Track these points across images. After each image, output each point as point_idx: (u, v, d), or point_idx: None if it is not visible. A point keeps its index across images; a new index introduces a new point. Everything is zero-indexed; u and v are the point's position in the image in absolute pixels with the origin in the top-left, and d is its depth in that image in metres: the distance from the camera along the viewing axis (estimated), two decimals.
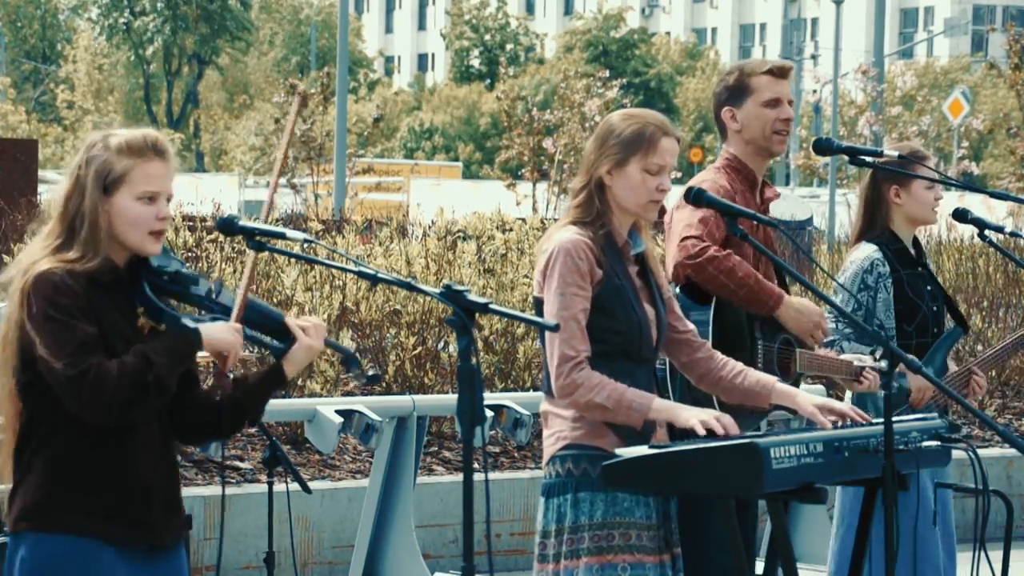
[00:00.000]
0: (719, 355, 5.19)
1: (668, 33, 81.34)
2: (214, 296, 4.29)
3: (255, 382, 4.33)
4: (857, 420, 5.06)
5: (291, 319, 4.33)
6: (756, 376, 5.16)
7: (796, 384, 5.68)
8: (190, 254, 10.39)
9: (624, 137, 5.00)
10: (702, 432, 4.85)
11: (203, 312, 4.26)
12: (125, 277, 4.21)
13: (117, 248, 4.21)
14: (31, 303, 4.07)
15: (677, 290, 5.64)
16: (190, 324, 4.17)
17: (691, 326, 5.21)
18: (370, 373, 4.40)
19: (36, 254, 4.18)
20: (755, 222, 5.56)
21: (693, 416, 4.91)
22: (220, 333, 4.17)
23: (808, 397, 5.13)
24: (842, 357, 5.88)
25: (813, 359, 5.81)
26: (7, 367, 4.14)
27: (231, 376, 4.31)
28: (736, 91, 5.97)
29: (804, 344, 5.85)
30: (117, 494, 4.15)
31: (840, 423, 5.07)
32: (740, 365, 5.18)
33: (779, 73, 5.99)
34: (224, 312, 4.25)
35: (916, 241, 6.59)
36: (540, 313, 4.97)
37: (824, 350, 5.91)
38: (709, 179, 5.85)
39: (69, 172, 4.26)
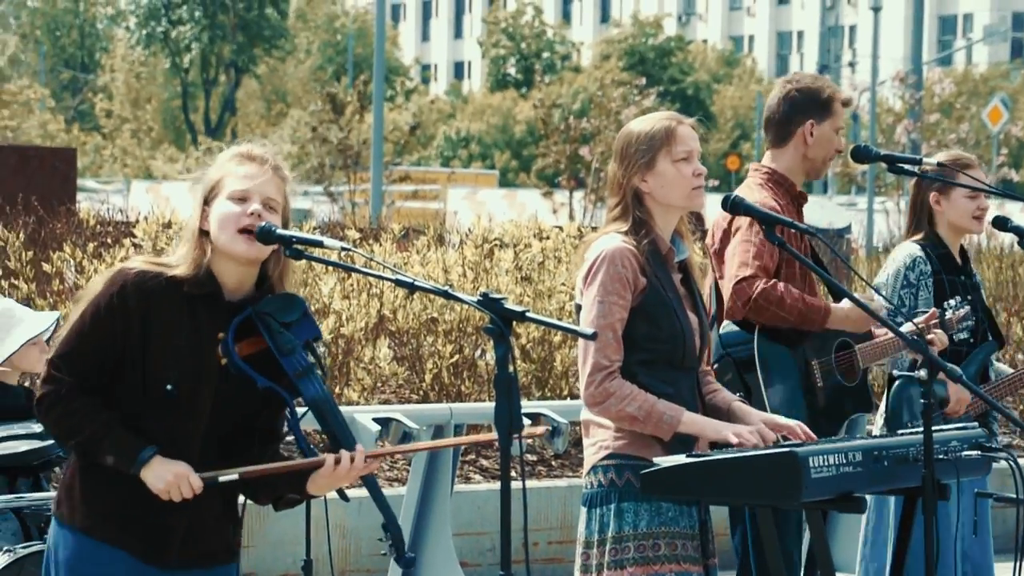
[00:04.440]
0: (712, 373, 5.23)
1: (705, 41, 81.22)
2: (300, 371, 4.23)
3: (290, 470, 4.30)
4: (801, 438, 4.98)
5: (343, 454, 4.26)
6: (723, 395, 5.15)
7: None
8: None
9: (643, 139, 5.03)
10: (735, 442, 4.84)
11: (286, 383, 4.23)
12: (242, 305, 4.21)
13: (226, 263, 4.22)
14: (94, 288, 4.18)
15: (732, 326, 5.73)
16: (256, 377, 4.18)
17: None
18: (408, 555, 4.44)
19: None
20: (797, 231, 5.57)
21: (726, 428, 4.89)
22: (155, 477, 4.12)
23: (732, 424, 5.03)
24: (886, 336, 5.91)
25: (872, 349, 5.88)
26: None
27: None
28: (824, 106, 6.00)
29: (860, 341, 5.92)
30: (133, 504, 4.16)
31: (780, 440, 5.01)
32: (717, 385, 5.18)
33: (847, 104, 6.10)
34: (300, 395, 4.21)
35: (964, 252, 6.57)
36: (580, 320, 4.96)
37: (878, 334, 5.94)
38: (749, 195, 5.85)
39: None
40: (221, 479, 4.18)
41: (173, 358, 4.13)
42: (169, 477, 4.12)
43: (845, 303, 5.83)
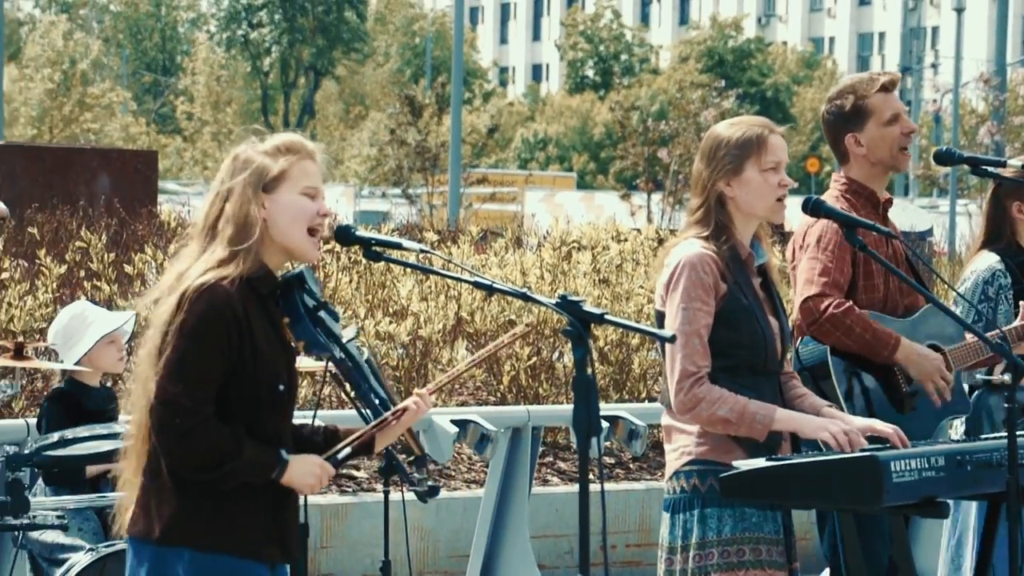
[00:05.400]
0: (797, 377, 5.17)
1: (785, 43, 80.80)
2: (344, 340, 4.27)
3: (346, 436, 4.31)
4: (898, 444, 4.92)
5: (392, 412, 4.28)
6: (811, 400, 5.09)
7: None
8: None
9: (733, 145, 4.98)
10: (833, 444, 4.80)
11: (327, 351, 4.25)
12: (280, 287, 4.18)
13: (275, 254, 4.16)
14: (185, 311, 4.01)
15: (804, 338, 5.69)
16: (321, 342, 4.17)
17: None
18: (429, 484, 4.42)
19: (195, 266, 4.10)
20: (880, 235, 5.52)
21: (821, 427, 4.85)
22: (302, 477, 4.12)
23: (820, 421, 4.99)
24: (975, 340, 5.82)
25: (961, 352, 5.78)
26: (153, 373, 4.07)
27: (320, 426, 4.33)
28: (854, 116, 5.89)
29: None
30: (266, 511, 4.13)
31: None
32: (804, 389, 5.13)
33: (891, 87, 5.92)
34: (350, 360, 4.24)
35: None
36: (662, 327, 4.93)
37: (967, 337, 5.84)
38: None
39: (212, 189, 4.18)
40: (340, 456, 4.23)
41: (275, 357, 4.12)
42: (316, 471, 4.14)
43: (920, 346, 5.73)
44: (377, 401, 4.33)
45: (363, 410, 4.34)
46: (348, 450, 4.23)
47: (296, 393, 4.25)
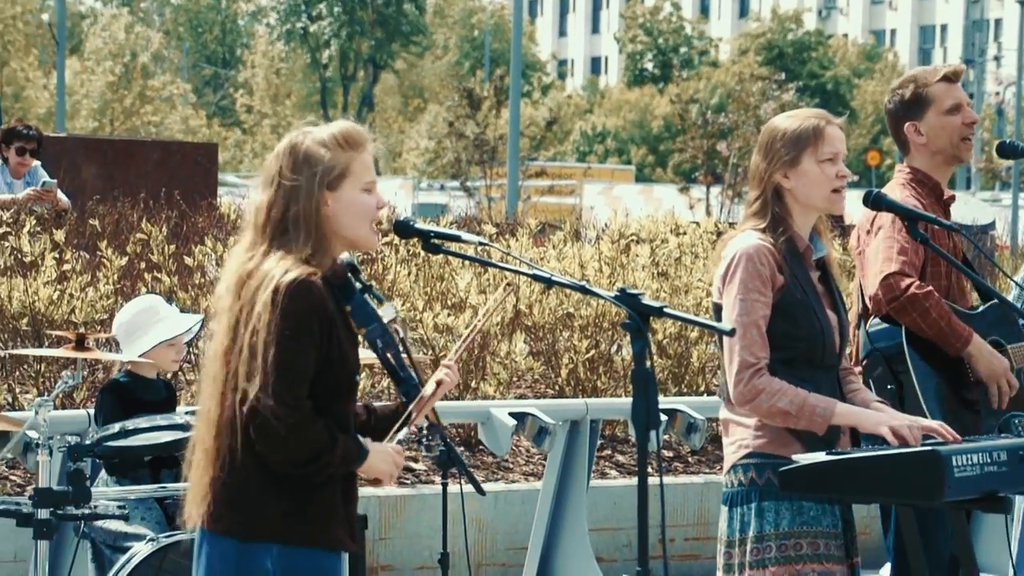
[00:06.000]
0: (855, 372, 5.14)
1: (845, 35, 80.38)
2: (384, 320, 4.27)
3: (385, 415, 4.35)
4: (947, 438, 4.89)
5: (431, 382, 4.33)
6: (863, 395, 5.07)
7: None
8: (365, 256, 10.49)
9: (790, 136, 4.97)
10: (893, 441, 4.77)
11: (374, 327, 4.27)
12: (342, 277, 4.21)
13: (338, 247, 4.17)
14: (281, 308, 3.98)
15: (879, 320, 5.64)
16: (379, 327, 4.20)
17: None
18: (441, 449, 4.44)
19: (274, 263, 4.05)
20: (941, 227, 5.48)
21: (881, 422, 4.83)
22: (380, 463, 4.16)
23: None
24: None
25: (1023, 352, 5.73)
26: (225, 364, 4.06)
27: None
28: (914, 104, 5.86)
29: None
30: (342, 502, 4.17)
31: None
32: (859, 384, 5.11)
33: (953, 78, 5.88)
34: (388, 339, 4.26)
35: None
36: (719, 320, 4.92)
37: None
38: (892, 195, 5.76)
39: (267, 179, 4.12)
40: (398, 440, 4.26)
41: (351, 348, 4.16)
42: (391, 459, 4.18)
43: (986, 344, 5.68)
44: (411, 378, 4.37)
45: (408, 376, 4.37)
46: (406, 430, 4.26)
47: (358, 381, 4.28)
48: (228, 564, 4.07)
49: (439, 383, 4.31)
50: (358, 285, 4.21)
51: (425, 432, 4.63)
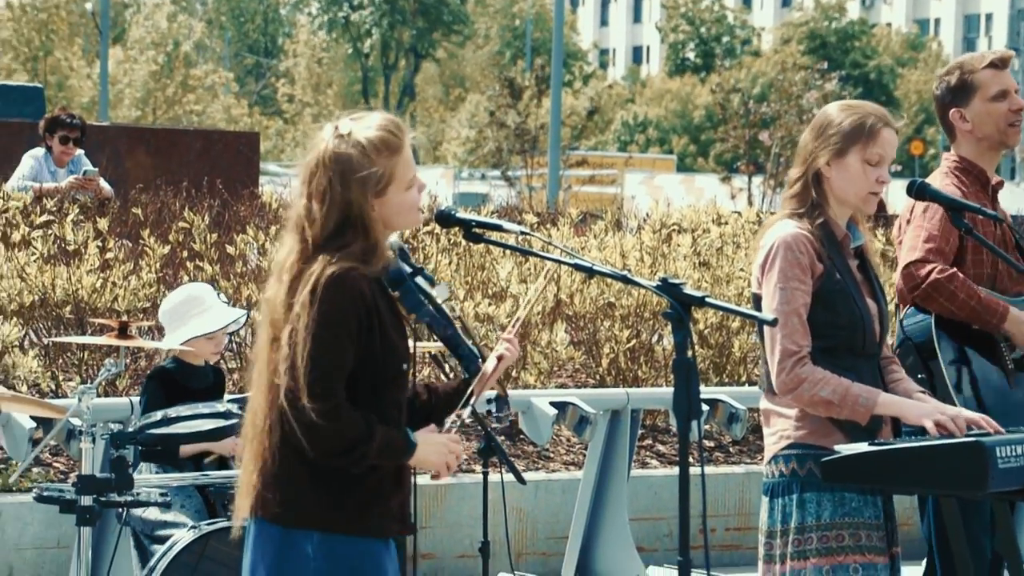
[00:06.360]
0: (897, 361, 5.12)
1: (889, 24, 80.00)
2: (439, 301, 4.30)
3: (447, 393, 4.37)
4: (986, 428, 4.86)
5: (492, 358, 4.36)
6: (905, 385, 5.04)
7: None
8: (406, 245, 10.49)
9: (844, 128, 4.93)
10: (934, 433, 4.74)
11: (424, 311, 4.27)
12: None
13: (384, 237, 4.18)
14: (319, 301, 4.03)
15: (911, 310, 5.62)
16: (430, 311, 4.22)
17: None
18: (510, 419, 4.45)
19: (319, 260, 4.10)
20: (985, 218, 5.45)
21: (925, 414, 4.80)
22: (431, 455, 4.19)
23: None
24: None
25: None
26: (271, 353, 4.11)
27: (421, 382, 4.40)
28: (960, 91, 5.83)
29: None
30: (389, 490, 4.19)
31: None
32: (901, 374, 5.08)
33: (1000, 64, 5.84)
34: (444, 319, 4.27)
35: None
36: (759, 310, 4.90)
37: None
38: (936, 183, 5.73)
39: (317, 192, 4.12)
40: (464, 420, 4.28)
41: (398, 338, 4.17)
42: (443, 449, 4.20)
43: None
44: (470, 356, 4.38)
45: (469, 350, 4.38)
46: (468, 410, 4.28)
47: (410, 369, 4.26)
48: (272, 549, 4.12)
49: (500, 357, 4.34)
50: (408, 269, 4.22)
51: (493, 405, 4.63)
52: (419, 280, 4.26)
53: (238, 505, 4.21)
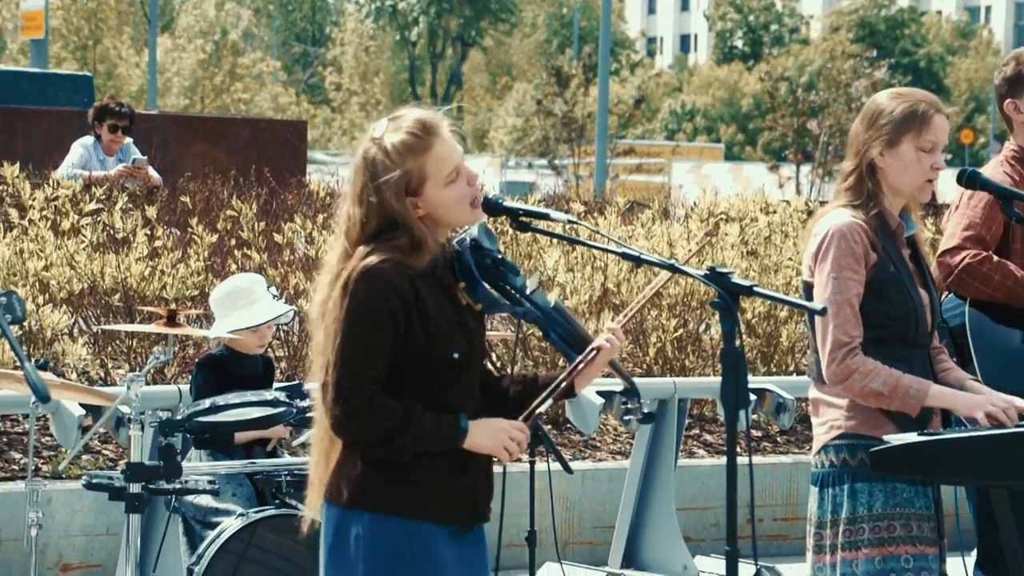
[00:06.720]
0: (945, 351, 5.09)
1: (939, 12, 79.54)
2: (528, 291, 4.28)
3: (544, 384, 4.33)
4: None
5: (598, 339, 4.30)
6: (956, 375, 5.01)
7: None
8: (453, 234, 10.49)
9: (895, 116, 4.89)
10: (985, 424, 4.72)
11: (511, 303, 4.26)
12: (452, 255, 4.24)
13: (442, 232, 4.23)
14: (348, 295, 4.10)
15: (951, 296, 5.61)
16: (503, 304, 4.21)
17: None
18: (645, 411, 4.38)
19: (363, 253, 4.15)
20: None
21: (976, 406, 4.77)
22: (484, 439, 4.19)
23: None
24: None
25: None
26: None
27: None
28: (1016, 82, 5.87)
29: None
30: (448, 475, 4.20)
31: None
32: (951, 363, 5.05)
33: None
34: (536, 309, 4.25)
35: None
36: (809, 298, 4.87)
37: None
38: (989, 171, 5.73)
39: (355, 195, 4.18)
40: (539, 411, 4.25)
41: (449, 327, 4.17)
42: (500, 434, 4.19)
43: None
44: (570, 344, 4.33)
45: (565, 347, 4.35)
46: (548, 402, 4.25)
47: (480, 358, 4.26)
48: (331, 529, 4.21)
49: (598, 349, 4.28)
50: (487, 261, 4.22)
51: (623, 397, 4.59)
52: (502, 272, 4.23)
53: (309, 494, 4.29)
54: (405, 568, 4.15)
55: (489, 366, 4.40)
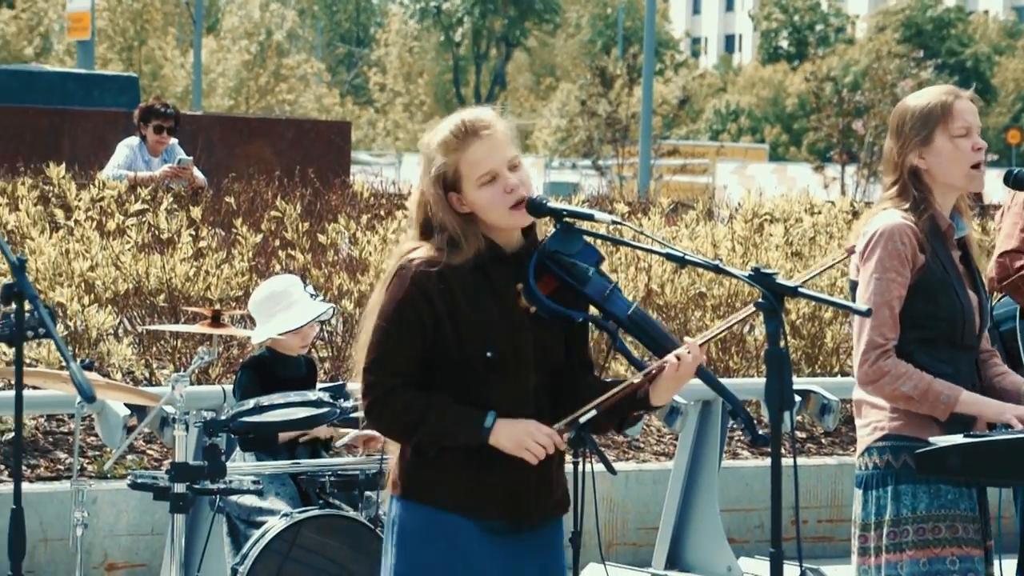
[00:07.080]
0: (997, 354, 5.04)
1: (986, 12, 79.06)
2: (606, 294, 4.25)
3: (617, 393, 4.31)
4: None
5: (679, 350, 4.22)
6: (1012, 379, 4.97)
7: None
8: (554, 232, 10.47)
9: (919, 115, 4.88)
10: (1018, 427, 4.68)
11: (569, 309, 4.23)
12: (520, 255, 4.24)
13: (498, 230, 4.23)
14: (385, 292, 4.21)
15: (1003, 299, 5.57)
16: (558, 309, 4.19)
17: None
18: (760, 433, 4.28)
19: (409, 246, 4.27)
20: None
21: (1008, 411, 4.74)
22: (503, 439, 4.18)
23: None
24: None
25: None
26: None
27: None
28: None
29: None
30: (473, 471, 4.21)
31: None
32: (1005, 367, 5.01)
33: None
34: (613, 316, 4.22)
35: None
36: (854, 296, 4.85)
37: None
38: None
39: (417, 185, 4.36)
40: (582, 420, 4.23)
41: (485, 326, 4.18)
42: (522, 436, 4.18)
43: None
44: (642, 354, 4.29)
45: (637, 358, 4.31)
46: (592, 412, 4.22)
47: (524, 358, 4.22)
48: (391, 514, 4.33)
49: (662, 366, 4.23)
50: (554, 264, 4.20)
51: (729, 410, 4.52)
52: (574, 277, 4.21)
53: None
54: (431, 557, 4.21)
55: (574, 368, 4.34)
